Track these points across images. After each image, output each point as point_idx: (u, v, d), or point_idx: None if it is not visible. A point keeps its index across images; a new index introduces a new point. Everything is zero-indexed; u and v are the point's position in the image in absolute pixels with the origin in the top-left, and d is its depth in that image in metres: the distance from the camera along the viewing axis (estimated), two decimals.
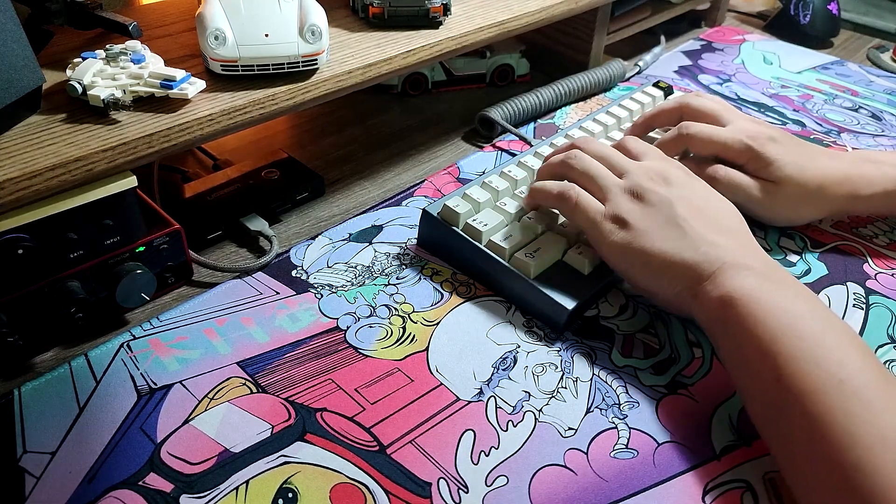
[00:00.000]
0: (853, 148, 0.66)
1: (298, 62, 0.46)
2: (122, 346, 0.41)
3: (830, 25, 0.91)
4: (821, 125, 0.70)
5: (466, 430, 0.37)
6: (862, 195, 0.51)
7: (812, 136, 0.68)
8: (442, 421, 0.38)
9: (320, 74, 0.48)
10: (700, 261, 0.39)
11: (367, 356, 0.42)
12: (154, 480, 0.34)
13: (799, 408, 0.32)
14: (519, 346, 0.43)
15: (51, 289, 0.39)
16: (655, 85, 0.68)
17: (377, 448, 0.36)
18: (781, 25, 0.94)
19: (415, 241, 0.51)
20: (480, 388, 0.40)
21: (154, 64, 0.44)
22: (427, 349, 0.42)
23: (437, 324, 0.44)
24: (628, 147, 0.47)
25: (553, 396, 0.40)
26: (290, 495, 0.34)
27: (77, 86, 0.41)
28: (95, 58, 0.43)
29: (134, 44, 0.44)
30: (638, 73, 0.80)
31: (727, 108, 0.54)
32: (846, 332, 0.35)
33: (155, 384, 0.39)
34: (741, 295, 0.37)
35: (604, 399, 0.40)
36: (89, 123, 0.40)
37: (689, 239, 0.40)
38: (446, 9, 0.56)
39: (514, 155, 0.63)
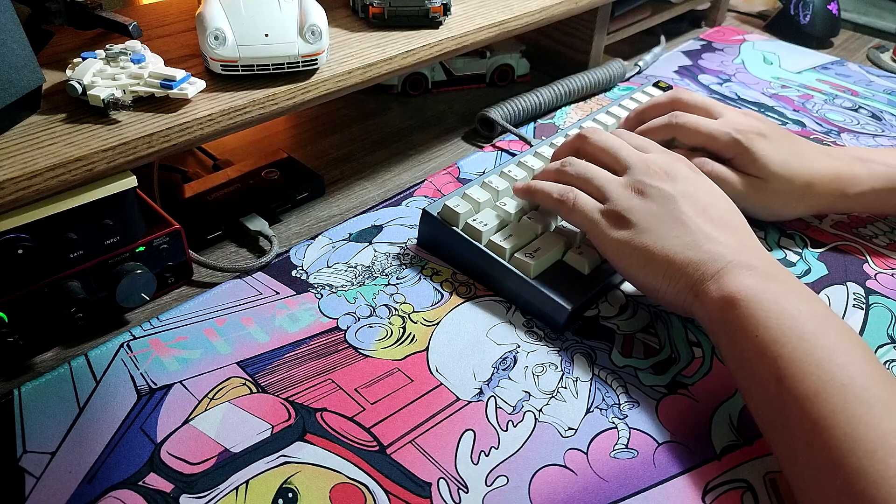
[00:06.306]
0: None
1: (298, 62, 0.46)
2: (122, 346, 0.41)
3: (830, 25, 0.91)
4: (821, 125, 0.70)
5: (466, 430, 0.37)
6: (850, 193, 0.50)
7: (812, 137, 0.68)
8: (442, 421, 0.38)
9: (320, 74, 0.48)
10: (703, 259, 0.39)
11: (367, 356, 0.42)
12: (154, 480, 0.34)
13: (800, 411, 0.32)
14: (519, 346, 0.43)
15: (51, 289, 0.39)
16: (655, 85, 0.68)
17: (377, 448, 0.36)
18: (781, 25, 0.94)
19: (415, 241, 0.51)
20: (480, 388, 0.40)
21: (154, 64, 0.44)
22: (427, 349, 0.42)
23: (437, 324, 0.44)
24: (628, 140, 0.47)
25: (553, 396, 0.40)
26: (290, 495, 0.34)
27: (77, 86, 0.41)
28: (95, 58, 0.43)
29: (134, 44, 0.44)
30: (638, 73, 0.80)
31: (719, 104, 0.54)
32: (848, 335, 0.35)
33: (155, 384, 0.39)
34: (744, 296, 0.36)
35: (604, 399, 0.40)
36: (89, 123, 0.40)
37: (693, 236, 0.40)
38: (446, 9, 0.56)
39: (514, 155, 0.63)
